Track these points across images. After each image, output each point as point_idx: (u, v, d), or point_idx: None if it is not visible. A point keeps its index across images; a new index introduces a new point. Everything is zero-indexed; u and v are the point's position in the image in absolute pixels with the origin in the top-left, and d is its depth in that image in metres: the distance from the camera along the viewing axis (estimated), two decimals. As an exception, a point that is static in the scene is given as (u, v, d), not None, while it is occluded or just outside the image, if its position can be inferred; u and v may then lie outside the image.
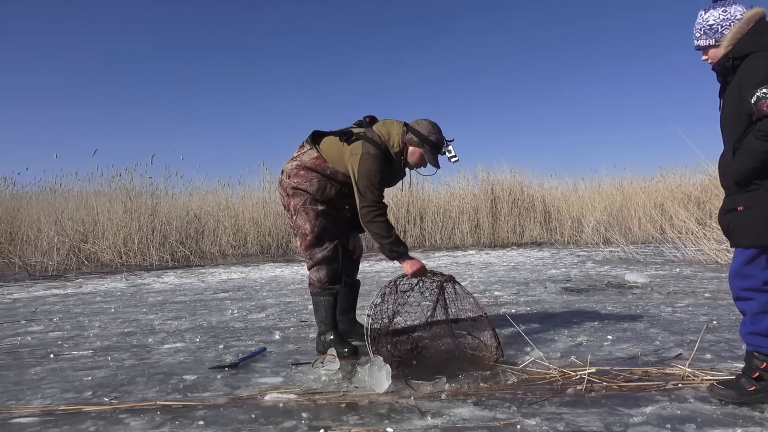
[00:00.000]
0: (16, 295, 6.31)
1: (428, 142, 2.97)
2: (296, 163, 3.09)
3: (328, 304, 3.04)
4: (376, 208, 2.90)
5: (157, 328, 4.04)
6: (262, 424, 2.03)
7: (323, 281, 3.02)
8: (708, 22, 2.20)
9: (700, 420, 1.95)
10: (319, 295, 3.05)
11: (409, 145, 3.02)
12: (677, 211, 9.46)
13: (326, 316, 3.04)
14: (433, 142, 2.97)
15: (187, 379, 2.67)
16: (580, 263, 8.30)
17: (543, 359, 2.75)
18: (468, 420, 2.01)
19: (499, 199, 14.05)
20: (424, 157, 3.02)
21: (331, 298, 3.05)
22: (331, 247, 3.03)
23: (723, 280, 5.88)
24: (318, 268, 3.03)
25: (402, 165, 3.07)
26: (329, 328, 3.05)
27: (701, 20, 2.22)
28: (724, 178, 2.15)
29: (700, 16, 2.23)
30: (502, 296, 5.14)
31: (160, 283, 7.32)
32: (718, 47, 2.17)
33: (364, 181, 2.89)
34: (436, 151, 2.99)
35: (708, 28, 2.20)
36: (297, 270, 8.56)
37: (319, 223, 3.03)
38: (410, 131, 3.00)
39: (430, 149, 2.98)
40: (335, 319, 3.08)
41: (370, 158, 2.91)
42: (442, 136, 3.01)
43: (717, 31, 2.18)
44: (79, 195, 11.67)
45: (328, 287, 3.03)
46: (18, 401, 2.40)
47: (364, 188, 2.90)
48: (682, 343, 3.07)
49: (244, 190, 13.38)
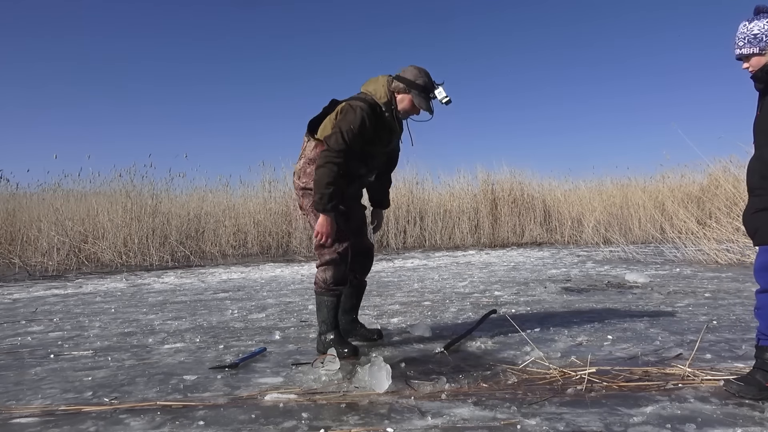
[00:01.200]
0: (16, 296, 6.31)
1: (415, 86, 2.90)
2: (303, 161, 3.06)
3: (330, 305, 3.03)
4: (332, 156, 2.82)
5: (157, 328, 4.04)
6: (262, 424, 2.03)
7: (328, 282, 3.00)
8: (753, 31, 2.32)
9: (700, 420, 1.95)
10: (322, 295, 3.03)
11: (397, 93, 2.96)
12: (677, 211, 9.46)
13: (328, 316, 3.03)
14: (421, 85, 2.90)
15: (187, 379, 2.67)
16: (580, 263, 8.30)
17: (543, 359, 2.75)
18: (468, 420, 2.01)
19: (499, 199, 14.06)
20: (414, 103, 2.95)
21: (335, 299, 3.03)
22: (340, 250, 2.98)
23: (723, 280, 5.89)
24: (325, 269, 3.00)
25: (395, 116, 3.01)
26: (330, 329, 3.04)
27: (745, 30, 2.34)
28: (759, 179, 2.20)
29: (744, 26, 2.34)
30: (502, 296, 5.14)
31: (161, 283, 7.32)
32: (763, 55, 2.29)
33: (336, 128, 2.85)
34: (425, 93, 2.91)
35: (752, 37, 2.31)
36: (297, 270, 8.56)
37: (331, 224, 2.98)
38: (396, 80, 2.95)
39: (419, 93, 2.90)
40: (337, 319, 3.07)
41: (351, 110, 2.87)
42: (430, 78, 2.94)
43: (762, 40, 2.30)
44: (79, 195, 11.67)
45: (332, 288, 3.01)
46: (18, 401, 2.40)
47: (332, 133, 2.85)
48: (682, 343, 3.07)
49: (245, 190, 13.40)
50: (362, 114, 2.87)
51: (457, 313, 4.29)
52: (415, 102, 2.94)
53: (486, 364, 2.77)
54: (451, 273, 7.45)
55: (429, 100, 2.94)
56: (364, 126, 2.87)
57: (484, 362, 2.82)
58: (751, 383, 2.17)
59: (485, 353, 3.03)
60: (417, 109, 2.98)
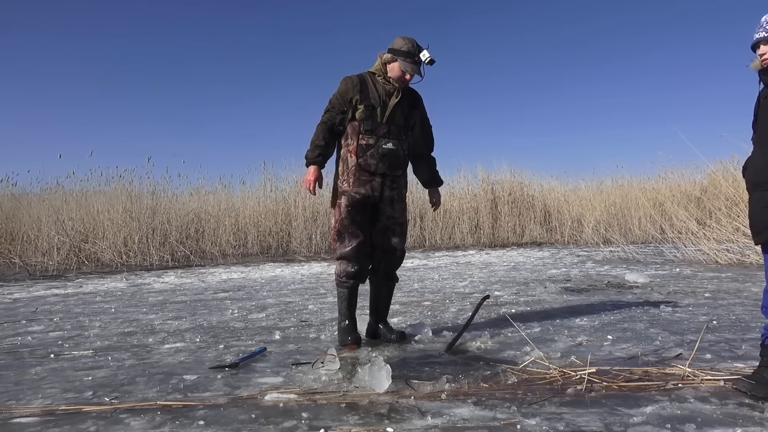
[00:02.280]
0: (16, 295, 6.31)
1: (400, 53, 3.18)
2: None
3: (342, 296, 3.28)
4: (322, 118, 3.26)
5: (158, 328, 4.04)
6: (263, 424, 2.03)
7: (341, 275, 3.25)
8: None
9: (700, 420, 1.95)
10: (337, 286, 3.31)
11: (388, 64, 3.24)
12: (677, 211, 9.46)
13: (341, 306, 3.29)
14: (405, 51, 3.17)
15: (188, 379, 2.67)
16: (580, 263, 8.30)
17: (543, 359, 2.75)
18: (468, 420, 2.01)
19: (499, 199, 14.07)
20: (402, 69, 3.19)
21: (346, 290, 3.26)
22: (352, 246, 3.20)
23: (723, 280, 5.89)
24: (339, 262, 3.26)
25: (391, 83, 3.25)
26: (343, 318, 3.28)
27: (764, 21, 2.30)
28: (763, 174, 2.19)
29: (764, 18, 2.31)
30: (502, 296, 5.14)
31: (161, 283, 7.32)
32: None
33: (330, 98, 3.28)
34: (410, 58, 3.17)
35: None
36: (297, 270, 8.56)
37: (342, 220, 3.21)
38: (387, 52, 3.24)
39: (404, 58, 3.17)
40: (350, 310, 3.28)
41: (341, 81, 3.26)
42: (414, 45, 3.19)
43: None
44: (79, 195, 11.67)
45: (344, 281, 3.25)
46: (18, 401, 2.40)
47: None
48: (682, 343, 3.07)
49: (245, 190, 13.40)
50: (346, 80, 3.24)
51: (457, 313, 4.29)
52: (402, 67, 3.19)
53: (486, 364, 2.77)
54: (451, 273, 7.45)
55: (415, 64, 3.19)
56: (347, 89, 3.21)
57: (484, 362, 2.82)
58: (762, 381, 2.18)
59: (485, 353, 3.03)
60: (405, 75, 3.21)
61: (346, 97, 3.21)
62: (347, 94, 3.20)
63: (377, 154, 3.19)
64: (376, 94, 3.22)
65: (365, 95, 3.20)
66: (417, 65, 3.18)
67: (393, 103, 3.23)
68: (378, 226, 3.29)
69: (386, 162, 3.21)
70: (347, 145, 3.23)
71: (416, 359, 2.95)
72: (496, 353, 3.01)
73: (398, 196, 3.32)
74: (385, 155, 3.20)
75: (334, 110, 3.23)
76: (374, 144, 3.19)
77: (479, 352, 3.05)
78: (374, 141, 3.19)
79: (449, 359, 2.91)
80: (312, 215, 12.41)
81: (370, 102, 3.20)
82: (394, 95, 3.25)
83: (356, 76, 3.26)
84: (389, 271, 3.38)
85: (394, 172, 3.26)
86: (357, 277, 3.24)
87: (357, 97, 3.18)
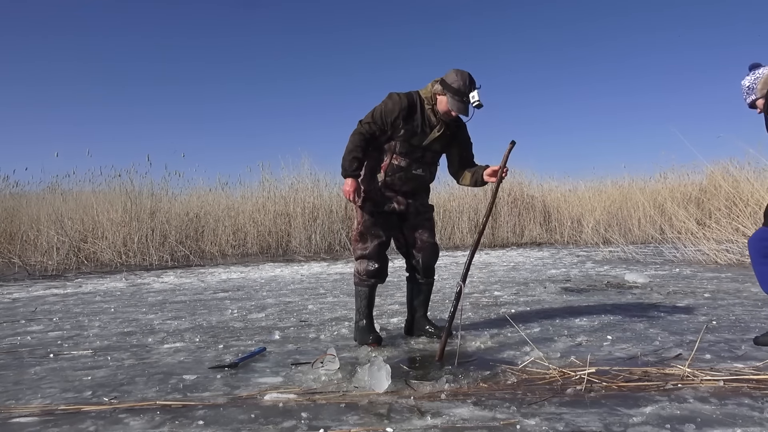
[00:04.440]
0: (15, 295, 6.31)
1: (450, 89, 3.10)
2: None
3: (363, 294, 3.32)
4: (358, 126, 3.19)
5: (157, 328, 4.04)
6: (262, 424, 2.03)
7: (361, 274, 3.29)
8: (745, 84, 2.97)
9: (699, 420, 1.95)
10: (356, 285, 3.34)
11: (437, 95, 3.17)
12: (677, 212, 9.47)
13: (360, 305, 3.33)
14: (455, 88, 3.09)
15: (187, 378, 2.67)
16: (579, 263, 8.30)
17: (543, 359, 2.75)
18: (468, 420, 2.01)
19: (499, 199, 14.05)
20: (450, 108, 3.14)
21: (366, 289, 3.31)
22: (373, 245, 3.25)
23: (722, 280, 5.89)
24: (359, 261, 3.30)
25: (436, 115, 3.20)
26: (362, 317, 3.33)
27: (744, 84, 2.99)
28: None
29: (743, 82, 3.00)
30: (502, 296, 5.14)
31: (160, 282, 7.31)
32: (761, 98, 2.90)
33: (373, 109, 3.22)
34: (459, 96, 3.09)
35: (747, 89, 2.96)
36: (297, 270, 8.56)
37: (365, 222, 3.25)
38: (439, 83, 3.17)
39: (452, 95, 3.10)
40: (369, 308, 3.33)
41: (389, 97, 3.20)
42: (465, 82, 3.10)
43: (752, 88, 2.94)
44: (78, 195, 11.67)
45: (365, 279, 3.29)
46: (18, 401, 2.40)
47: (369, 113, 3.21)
48: (681, 343, 3.07)
49: (244, 190, 13.39)
50: (394, 100, 3.17)
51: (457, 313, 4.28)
52: (449, 104, 3.12)
53: (486, 364, 2.77)
54: (450, 273, 7.45)
55: (463, 104, 3.11)
56: (393, 110, 3.15)
57: (483, 362, 2.82)
58: None
59: (485, 353, 3.03)
60: (452, 112, 3.16)
61: (390, 117, 3.15)
62: (392, 114, 3.15)
63: (405, 177, 3.26)
64: (420, 122, 3.19)
65: (409, 120, 3.17)
66: (465, 105, 3.11)
67: (434, 136, 3.24)
68: (407, 225, 3.36)
69: (411, 185, 3.31)
70: (379, 160, 3.26)
71: (416, 359, 2.95)
72: (495, 353, 3.01)
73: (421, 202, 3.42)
74: (411, 179, 3.28)
75: (375, 125, 3.17)
76: (405, 167, 3.24)
77: (479, 352, 3.05)
78: (406, 164, 3.23)
79: (449, 359, 2.90)
80: (311, 215, 12.41)
81: (413, 127, 3.18)
82: (437, 129, 3.22)
83: (405, 97, 3.18)
84: (428, 266, 3.40)
85: (416, 193, 3.37)
86: (378, 276, 3.30)
87: (401, 122, 3.16)
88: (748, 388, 2.28)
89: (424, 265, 3.38)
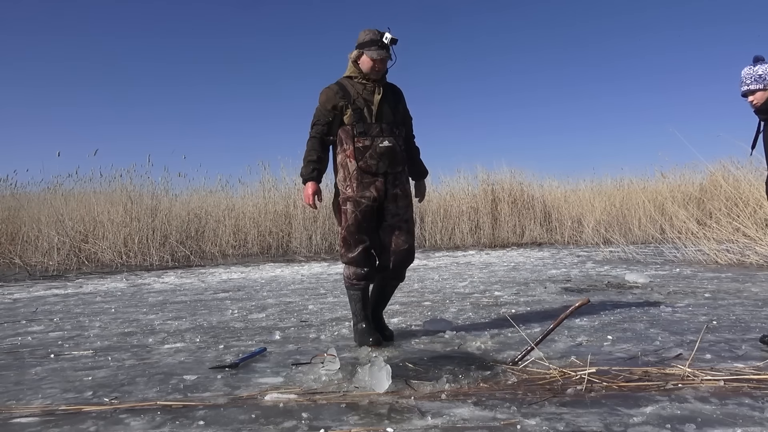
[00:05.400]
0: (16, 295, 6.31)
1: (364, 44, 3.19)
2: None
3: (356, 297, 3.32)
4: (309, 134, 3.29)
5: (158, 328, 4.04)
6: (262, 424, 2.03)
7: (351, 278, 3.30)
8: (758, 72, 2.93)
9: (700, 420, 1.95)
10: (348, 289, 3.35)
11: (358, 60, 3.23)
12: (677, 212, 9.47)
13: (355, 308, 3.34)
14: (368, 40, 3.18)
15: (188, 379, 2.67)
16: (580, 263, 8.30)
17: (543, 359, 2.75)
18: (468, 420, 2.01)
19: (499, 199, 14.06)
20: (371, 58, 3.17)
21: (359, 292, 3.31)
22: (358, 250, 3.22)
23: (723, 280, 5.89)
24: (347, 266, 3.30)
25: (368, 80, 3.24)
26: (360, 319, 3.33)
27: (751, 71, 2.95)
28: None
29: (749, 68, 2.96)
30: (502, 296, 5.14)
31: (161, 283, 7.32)
32: (765, 91, 2.91)
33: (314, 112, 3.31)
34: (375, 45, 3.16)
35: (758, 77, 2.92)
36: (297, 270, 8.56)
37: (348, 227, 3.23)
38: (354, 51, 3.24)
39: (369, 47, 3.17)
40: (365, 310, 3.32)
41: (322, 91, 3.27)
42: (375, 31, 3.19)
43: (765, 79, 2.91)
44: (79, 195, 11.68)
45: (354, 283, 3.30)
46: (18, 401, 2.40)
47: None
48: (682, 343, 3.07)
49: (245, 190, 13.40)
50: (326, 91, 3.25)
51: (457, 313, 4.29)
52: (370, 56, 3.17)
53: (486, 364, 2.77)
54: (451, 273, 7.45)
55: (383, 49, 3.17)
56: (329, 98, 3.22)
57: (484, 362, 2.82)
58: None
59: (485, 353, 3.03)
60: (377, 62, 3.19)
61: (329, 104, 3.21)
62: (329, 102, 3.21)
63: (375, 154, 3.19)
64: (360, 96, 3.22)
65: (349, 99, 3.20)
66: (385, 49, 3.16)
67: (378, 100, 3.24)
68: (384, 225, 3.27)
69: (386, 160, 3.21)
70: (344, 151, 3.23)
71: (416, 359, 2.95)
72: (496, 353, 3.01)
73: (402, 192, 3.30)
74: (383, 154, 3.19)
75: (320, 122, 3.25)
76: (370, 145, 3.19)
77: (479, 352, 3.05)
78: (370, 142, 3.19)
79: (449, 359, 2.91)
80: (312, 215, 12.42)
81: (357, 104, 3.20)
82: (376, 92, 3.25)
83: (334, 84, 3.26)
84: (398, 270, 3.35)
85: (394, 169, 3.26)
86: (367, 278, 3.30)
87: (341, 102, 3.19)
88: (749, 388, 2.28)
89: (395, 267, 3.32)
